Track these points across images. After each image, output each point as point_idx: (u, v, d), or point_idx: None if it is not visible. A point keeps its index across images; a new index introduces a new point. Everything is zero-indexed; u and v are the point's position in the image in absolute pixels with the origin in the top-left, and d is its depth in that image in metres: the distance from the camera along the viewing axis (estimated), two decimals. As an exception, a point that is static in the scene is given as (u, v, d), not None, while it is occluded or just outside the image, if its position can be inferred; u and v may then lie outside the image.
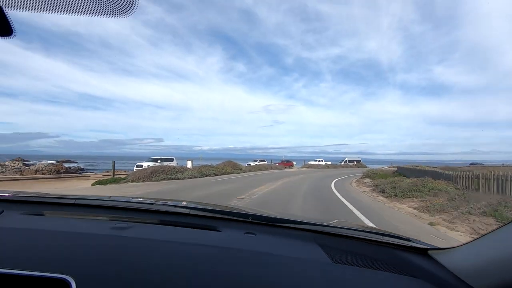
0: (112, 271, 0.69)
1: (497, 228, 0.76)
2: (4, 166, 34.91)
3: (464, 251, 0.85)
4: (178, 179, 16.63)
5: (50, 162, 45.29)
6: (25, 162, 43.09)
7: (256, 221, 1.19)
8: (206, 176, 19.29)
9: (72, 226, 0.99)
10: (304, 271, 0.79)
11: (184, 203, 1.46)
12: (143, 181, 15.27)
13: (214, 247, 0.88)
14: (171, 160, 30.57)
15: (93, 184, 14.79)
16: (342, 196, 10.37)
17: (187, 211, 1.30)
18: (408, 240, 1.08)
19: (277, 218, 1.22)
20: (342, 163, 50.75)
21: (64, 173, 31.59)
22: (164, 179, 16.01)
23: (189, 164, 19.75)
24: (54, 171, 34.66)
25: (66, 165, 45.25)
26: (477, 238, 0.83)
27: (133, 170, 27.87)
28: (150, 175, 15.89)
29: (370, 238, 1.10)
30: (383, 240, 1.08)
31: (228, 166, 24.84)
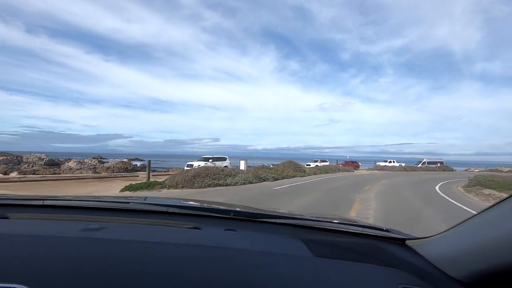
0: (78, 277, 0.63)
1: (473, 216, 0.76)
2: (83, 164, 36.97)
3: (441, 240, 0.86)
4: (227, 185, 12.40)
5: (120, 160, 47.88)
6: (101, 160, 45.93)
7: (237, 217, 1.17)
8: (264, 180, 14.76)
9: (36, 229, 0.92)
10: (284, 266, 0.77)
11: (162, 201, 1.36)
12: (182, 187, 11.33)
13: (192, 245, 0.85)
14: (224, 159, 26.92)
15: (122, 190, 11.35)
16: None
17: (164, 209, 1.20)
18: (387, 231, 1.09)
19: (258, 214, 1.22)
20: (420, 165, 41.71)
21: (131, 171, 32.92)
22: (209, 185, 11.93)
23: (242, 165, 15.32)
24: (122, 169, 36.44)
25: (134, 163, 47.24)
26: (453, 226, 0.82)
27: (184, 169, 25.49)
28: (192, 179, 11.87)
29: (350, 231, 1.10)
30: (363, 232, 1.09)
31: (288, 167, 19.92)
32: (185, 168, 24.78)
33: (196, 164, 24.09)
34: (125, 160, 48.72)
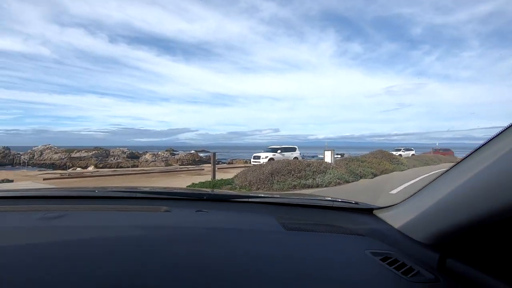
0: (34, 267, 0.59)
1: (431, 182, 0.77)
2: (157, 156, 39.93)
3: (404, 206, 0.88)
4: (317, 185, 8.85)
5: (189, 152, 49.77)
6: (173, 152, 48.45)
7: (209, 199, 1.17)
8: (361, 177, 10.83)
9: None
10: (255, 241, 0.78)
11: (127, 188, 1.34)
12: (257, 188, 8.23)
13: (160, 227, 0.83)
14: (293, 149, 23.39)
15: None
16: None
17: (133, 195, 1.19)
18: (356, 203, 1.12)
19: (231, 195, 1.29)
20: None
21: (198, 162, 34.02)
22: (293, 186, 8.52)
23: (327, 157, 11.53)
24: (191, 160, 38.08)
25: (201, 154, 49.16)
26: (415, 193, 0.84)
27: (251, 162, 22.88)
28: (270, 178, 8.68)
29: (321, 205, 1.14)
30: (334, 206, 1.12)
31: (381, 158, 15.40)
32: (252, 160, 22.13)
33: (263, 155, 21.20)
34: (192, 152, 51.17)
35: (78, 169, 21.15)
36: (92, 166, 24.55)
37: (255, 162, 21.19)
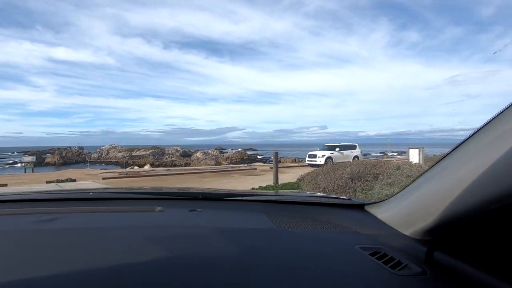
0: (27, 270, 0.59)
1: (420, 176, 0.77)
2: (207, 154, 41.17)
3: (394, 201, 0.88)
4: (416, 195, 6.62)
5: (237, 150, 50.34)
6: (222, 150, 49.60)
7: (202, 198, 1.16)
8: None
9: None
10: (248, 239, 0.78)
11: (120, 189, 1.34)
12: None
13: (154, 227, 0.83)
14: (353, 147, 20.69)
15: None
16: None
17: (125, 196, 1.19)
18: (349, 199, 1.13)
19: (223, 194, 1.22)
20: None
21: (246, 160, 34.13)
22: (385, 196, 6.42)
23: (414, 157, 9.14)
24: (239, 158, 38.89)
25: (249, 152, 50.03)
26: (405, 188, 0.84)
27: (306, 161, 21.00)
28: (350, 184, 6.73)
29: (313, 201, 1.13)
30: (326, 202, 1.12)
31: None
32: (307, 159, 20.06)
33: (319, 154, 19.09)
34: (240, 150, 51.75)
35: (136, 167, 21.62)
36: (148, 165, 25.11)
37: (311, 161, 19.26)
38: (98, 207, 1.04)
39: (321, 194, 1.30)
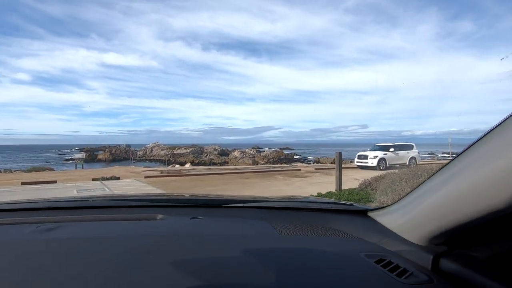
0: (25, 281, 0.58)
1: (423, 182, 0.75)
2: (244, 153, 41.48)
3: (398, 207, 0.85)
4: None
5: (274, 149, 49.83)
6: (258, 150, 49.44)
7: (203, 205, 1.14)
8: None
9: None
10: (250, 247, 0.76)
11: (121, 197, 1.29)
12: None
13: (155, 236, 0.81)
14: (410, 147, 18.12)
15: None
16: None
17: (126, 203, 1.15)
18: (351, 205, 1.08)
19: (223, 200, 1.19)
20: None
21: (283, 160, 32.96)
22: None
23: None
24: (276, 158, 37.83)
25: (286, 151, 50.68)
26: (408, 193, 0.81)
27: (354, 162, 19.01)
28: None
29: (315, 208, 1.09)
30: (328, 208, 1.08)
31: None
32: (356, 160, 18.02)
33: (371, 155, 16.97)
34: (277, 149, 51.22)
35: (177, 166, 21.51)
36: (189, 164, 25.00)
37: (361, 163, 17.22)
38: (98, 215, 1.02)
39: (323, 199, 1.22)
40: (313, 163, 29.54)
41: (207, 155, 44.78)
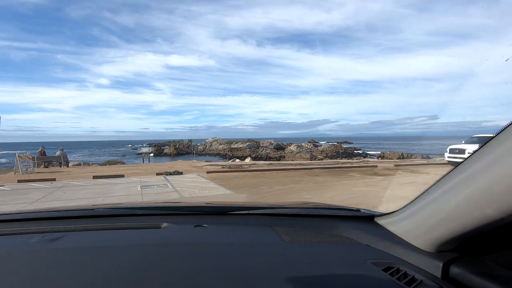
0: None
1: (430, 187, 0.72)
2: (301, 147, 39.60)
3: (405, 213, 0.83)
4: None
5: (332, 143, 47.40)
6: (315, 144, 47.60)
7: (207, 213, 1.12)
8: None
9: None
10: (255, 255, 0.75)
11: (126, 205, 1.28)
12: None
13: (160, 245, 0.80)
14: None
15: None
16: None
17: (130, 212, 1.15)
18: (357, 210, 1.05)
19: (227, 207, 1.17)
20: None
21: (342, 154, 30.24)
22: None
23: None
24: (334, 152, 35.60)
25: (344, 145, 48.43)
26: (415, 199, 0.78)
27: (445, 158, 15.56)
28: None
29: (321, 214, 1.06)
30: (334, 214, 1.05)
31: None
32: (447, 156, 14.74)
33: (469, 148, 13.53)
34: (335, 143, 49.07)
35: (237, 160, 20.67)
36: (249, 158, 24.04)
37: (454, 158, 13.97)
38: (103, 224, 1.00)
39: (328, 205, 1.15)
40: (377, 158, 26.01)
41: (263, 150, 44.24)
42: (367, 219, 0.98)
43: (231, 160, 21.53)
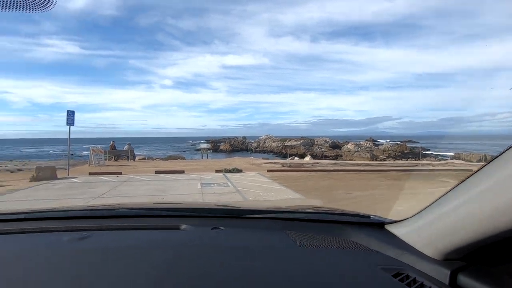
0: (66, 285, 0.62)
1: (443, 195, 0.72)
2: (359, 146, 37.18)
3: (416, 221, 0.83)
4: None
5: (395, 142, 43.35)
6: (375, 142, 44.18)
7: (223, 215, 1.15)
8: None
9: (20, 243, 0.87)
10: (270, 258, 0.77)
11: (146, 205, 1.34)
12: None
13: (178, 246, 0.83)
14: None
15: None
16: None
17: (149, 213, 1.18)
18: (368, 217, 1.06)
19: (243, 210, 1.19)
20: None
21: (407, 155, 28.24)
22: None
23: None
24: (399, 152, 33.10)
25: (409, 145, 42.63)
26: (427, 207, 0.78)
27: None
28: None
29: (333, 220, 1.08)
30: (345, 220, 1.07)
31: None
32: None
33: None
34: (398, 142, 44.68)
35: (296, 158, 19.19)
36: (309, 157, 22.27)
37: None
38: (124, 224, 1.03)
39: (339, 210, 1.17)
40: (450, 160, 21.73)
41: (317, 148, 42.10)
42: (378, 226, 0.98)
43: (290, 158, 20.15)
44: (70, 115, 10.57)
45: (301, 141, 45.46)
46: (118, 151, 17.50)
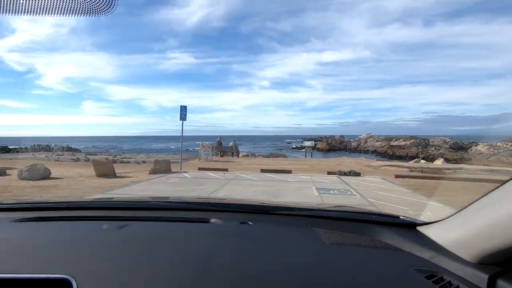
0: (110, 269, 0.65)
1: (480, 198, 0.70)
2: (496, 148, 29.25)
3: (450, 223, 0.81)
4: None
5: None
6: None
7: (251, 211, 1.13)
8: None
9: (66, 229, 0.94)
10: (299, 255, 0.76)
11: (178, 199, 1.38)
12: None
13: (211, 238, 0.85)
14: None
15: None
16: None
17: (180, 206, 1.21)
18: (397, 217, 1.04)
19: (270, 206, 1.18)
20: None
21: None
22: None
23: None
24: None
25: None
26: (461, 209, 0.77)
27: None
28: None
29: (362, 219, 1.06)
30: (374, 219, 1.05)
31: None
32: None
33: None
34: None
35: (422, 161, 15.16)
36: (442, 160, 17.50)
37: None
38: (157, 215, 1.07)
39: (369, 210, 1.18)
40: None
41: (434, 149, 34.61)
42: (409, 226, 0.96)
43: (414, 161, 16.19)
44: (183, 110, 10.92)
45: (411, 140, 38.53)
46: (224, 147, 18.05)
